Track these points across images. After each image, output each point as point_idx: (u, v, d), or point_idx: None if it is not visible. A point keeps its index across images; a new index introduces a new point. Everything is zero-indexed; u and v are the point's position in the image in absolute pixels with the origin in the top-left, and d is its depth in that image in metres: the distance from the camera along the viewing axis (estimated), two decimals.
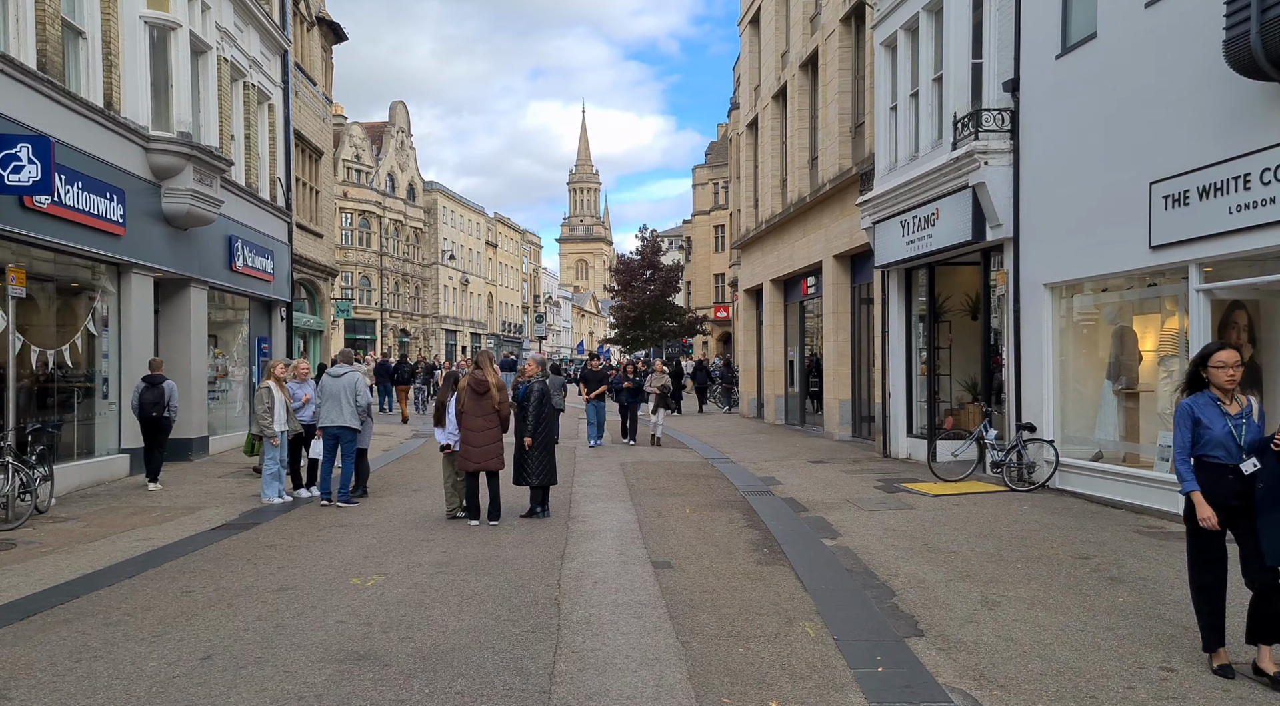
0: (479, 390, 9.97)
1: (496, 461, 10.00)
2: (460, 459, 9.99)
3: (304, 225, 22.09)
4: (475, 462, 9.89)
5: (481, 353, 10.59)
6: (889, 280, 16.09)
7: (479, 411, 9.95)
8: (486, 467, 9.95)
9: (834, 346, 19.60)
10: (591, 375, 18.95)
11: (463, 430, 9.97)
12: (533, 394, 10.35)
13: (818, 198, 19.71)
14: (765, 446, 18.49)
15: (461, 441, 9.98)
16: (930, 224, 13.79)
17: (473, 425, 9.91)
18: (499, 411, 10.01)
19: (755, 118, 25.89)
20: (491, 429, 9.99)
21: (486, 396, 9.98)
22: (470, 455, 9.88)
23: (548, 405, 10.41)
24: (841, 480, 13.32)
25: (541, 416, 10.27)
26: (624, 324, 46.88)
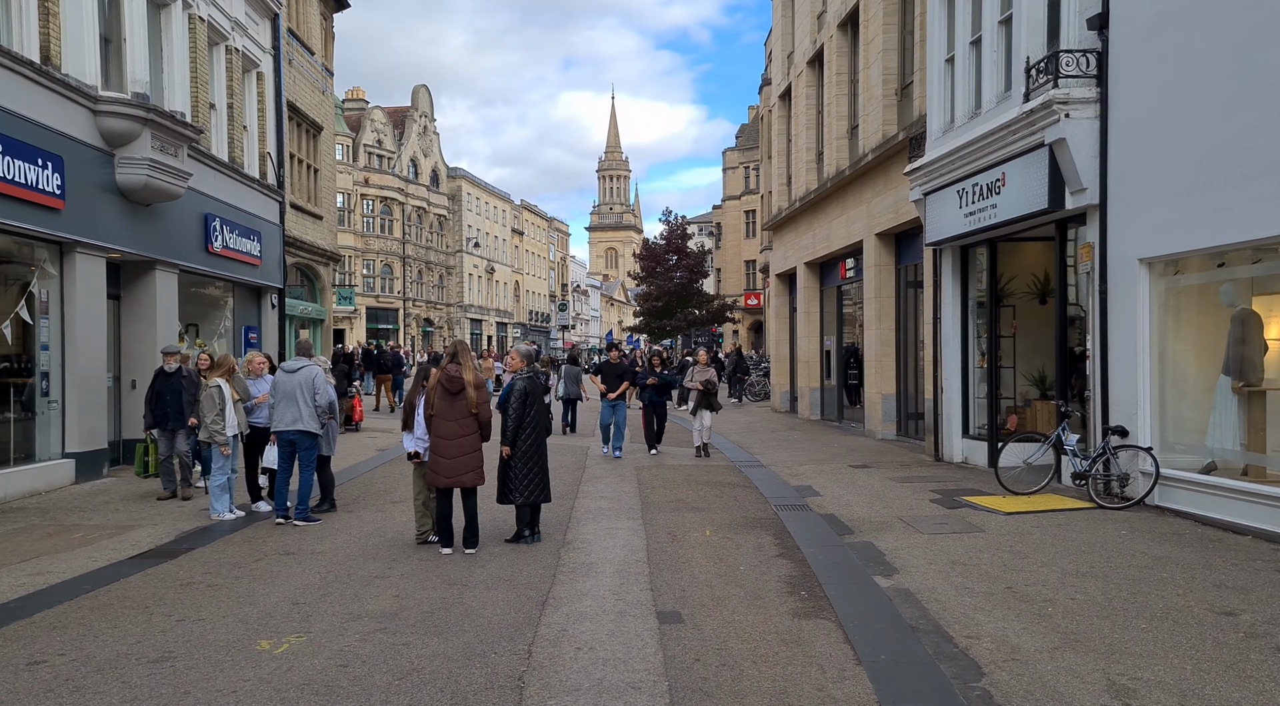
0: (452, 389, 8.15)
1: (473, 476, 8.19)
2: (429, 472, 8.21)
3: (300, 205, 20.50)
4: (447, 477, 8.10)
5: (456, 342, 8.74)
6: (942, 260, 14.12)
7: (452, 414, 8.14)
8: (461, 484, 8.14)
9: (876, 335, 17.66)
10: (610, 369, 15.63)
11: (433, 437, 8.17)
12: (513, 395, 8.55)
13: (858, 170, 17.74)
14: (800, 446, 16.61)
15: (431, 451, 8.19)
16: (994, 191, 11.82)
17: (445, 431, 8.11)
18: (477, 415, 8.21)
19: (788, 87, 23.89)
20: (468, 436, 8.16)
21: (462, 397, 8.16)
22: (441, 468, 8.09)
23: (534, 407, 8.58)
24: (890, 491, 11.44)
25: (524, 421, 8.46)
26: (649, 312, 44.91)
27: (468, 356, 8.44)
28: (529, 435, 8.51)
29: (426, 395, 8.32)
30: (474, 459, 8.21)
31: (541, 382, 9.20)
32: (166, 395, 10.66)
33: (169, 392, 10.67)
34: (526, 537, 8.55)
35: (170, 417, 10.66)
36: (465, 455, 8.13)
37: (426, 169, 63.68)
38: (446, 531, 8.23)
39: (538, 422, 8.62)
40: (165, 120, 12.52)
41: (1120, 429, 9.91)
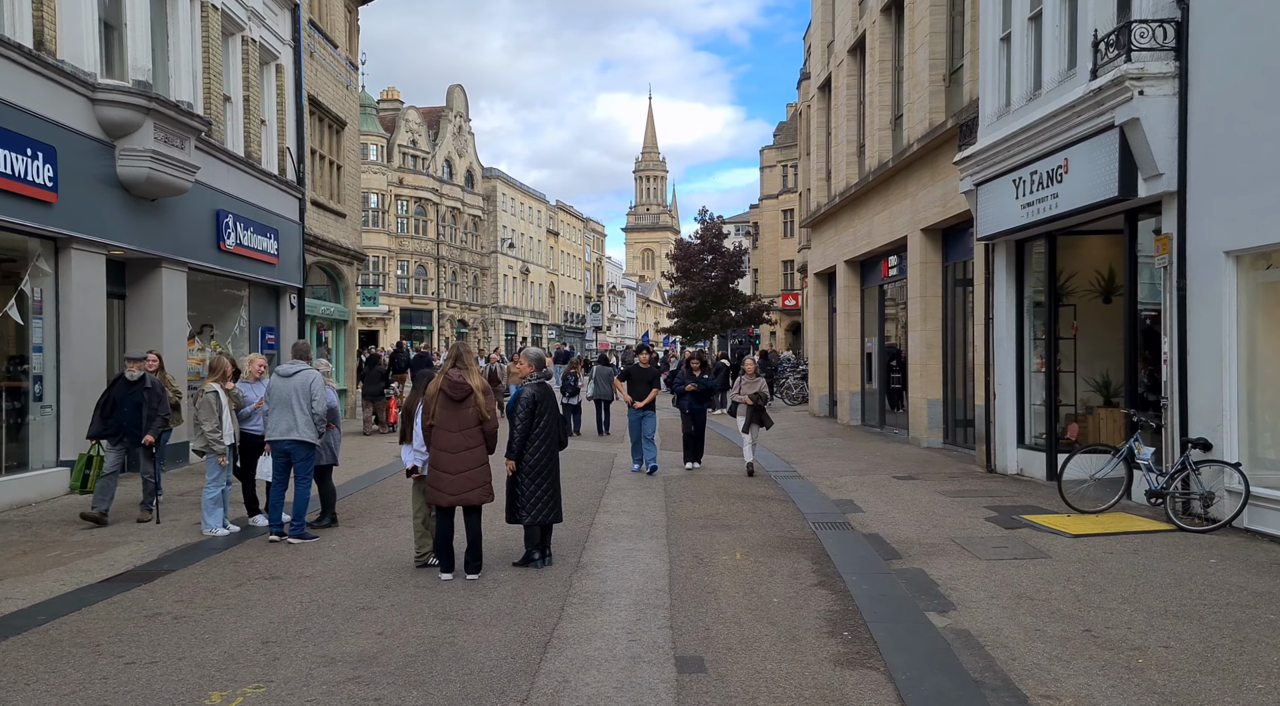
0: (456, 396, 7.29)
1: (481, 492, 7.32)
2: (430, 489, 7.31)
3: (321, 203, 19.93)
4: (451, 495, 7.20)
5: (458, 345, 7.77)
6: (994, 256, 13.09)
7: (456, 424, 7.27)
8: (466, 501, 7.27)
9: (921, 336, 16.63)
10: (639, 374, 13.80)
11: (433, 450, 7.29)
12: (520, 404, 7.71)
13: (902, 161, 16.72)
14: (839, 455, 15.64)
15: (431, 465, 7.31)
16: (1055, 180, 10.79)
17: (447, 443, 7.24)
18: (484, 426, 7.37)
19: (827, 78, 22.88)
20: (474, 448, 7.31)
21: (467, 404, 7.31)
22: (443, 484, 7.21)
23: (545, 417, 7.73)
24: (940, 506, 10.46)
25: (533, 432, 7.64)
26: (684, 313, 43.93)
27: (471, 360, 7.61)
28: (539, 447, 7.64)
29: (425, 403, 7.49)
30: (481, 473, 7.35)
31: (559, 388, 8.54)
32: (125, 406, 9.48)
33: (128, 404, 9.49)
34: (536, 561, 7.71)
35: (126, 431, 9.50)
36: (471, 469, 7.28)
37: (461, 169, 63.36)
38: (447, 555, 7.37)
39: (549, 434, 7.73)
40: (169, 110, 11.91)
41: (1202, 441, 8.86)
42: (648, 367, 14.04)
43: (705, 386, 14.00)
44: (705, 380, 14.08)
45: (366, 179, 53.60)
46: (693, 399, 13.73)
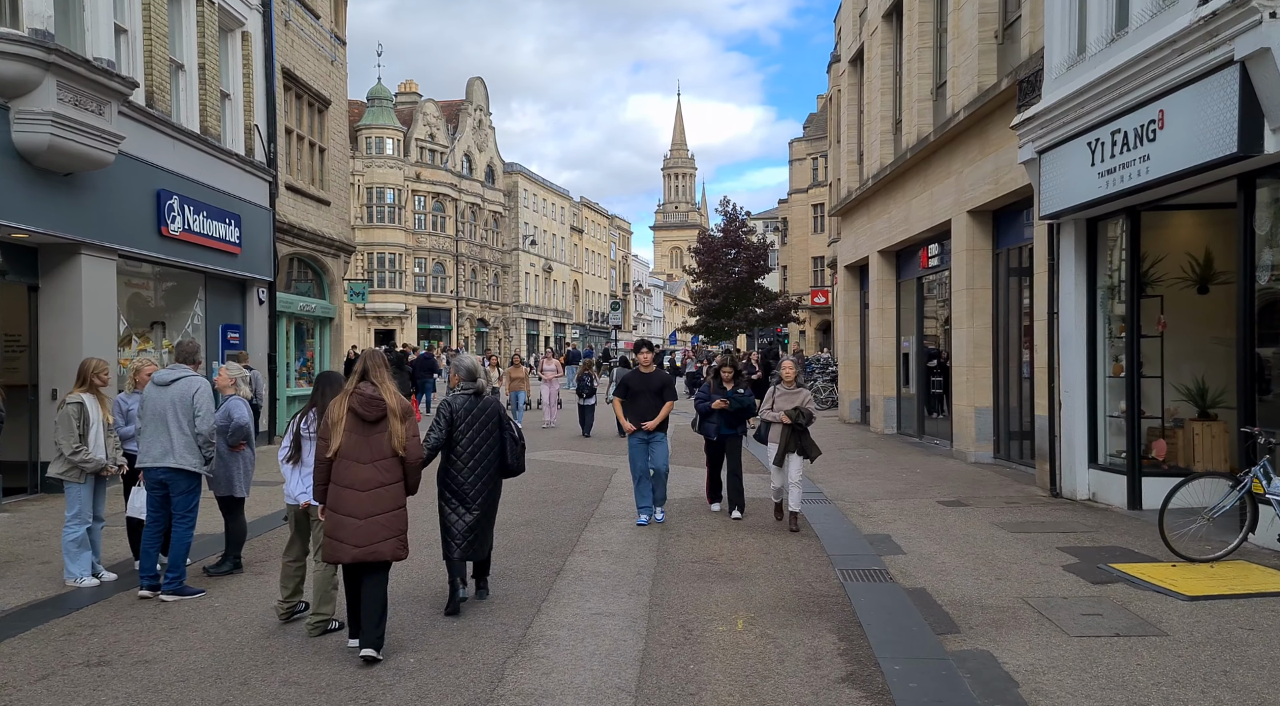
0: (368, 416, 5.51)
1: (393, 545, 5.50)
2: (328, 540, 5.46)
3: (300, 188, 18.13)
4: (354, 546, 5.39)
5: (367, 353, 5.86)
6: (1060, 238, 10.95)
7: (366, 454, 5.48)
8: (372, 555, 5.42)
9: (967, 335, 14.48)
10: (639, 382, 9.64)
11: (334, 488, 5.46)
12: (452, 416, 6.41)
13: (945, 134, 14.57)
14: (873, 471, 13.53)
15: (331, 508, 5.45)
16: (1145, 138, 8.65)
17: (354, 477, 5.44)
18: (404, 456, 5.58)
19: (859, 49, 20.73)
20: (388, 486, 5.52)
21: (380, 428, 5.52)
22: (346, 532, 5.38)
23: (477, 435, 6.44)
24: (1000, 545, 8.36)
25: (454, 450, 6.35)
26: (706, 310, 41.71)
27: (383, 372, 5.74)
28: (468, 468, 6.42)
29: (324, 421, 5.62)
30: (396, 519, 5.53)
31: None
32: None
33: None
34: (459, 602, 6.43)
35: None
36: (383, 513, 5.47)
37: (481, 164, 61.73)
38: (358, 619, 5.54)
39: (479, 455, 6.48)
40: (78, 67, 10.09)
41: None
42: (651, 372, 9.72)
43: (741, 404, 9.86)
44: (740, 395, 9.89)
45: (382, 173, 52.17)
46: (724, 421, 9.91)
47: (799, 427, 9.25)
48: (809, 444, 9.35)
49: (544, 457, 15.30)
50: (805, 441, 9.33)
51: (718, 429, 10.01)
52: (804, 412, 9.28)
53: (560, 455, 15.41)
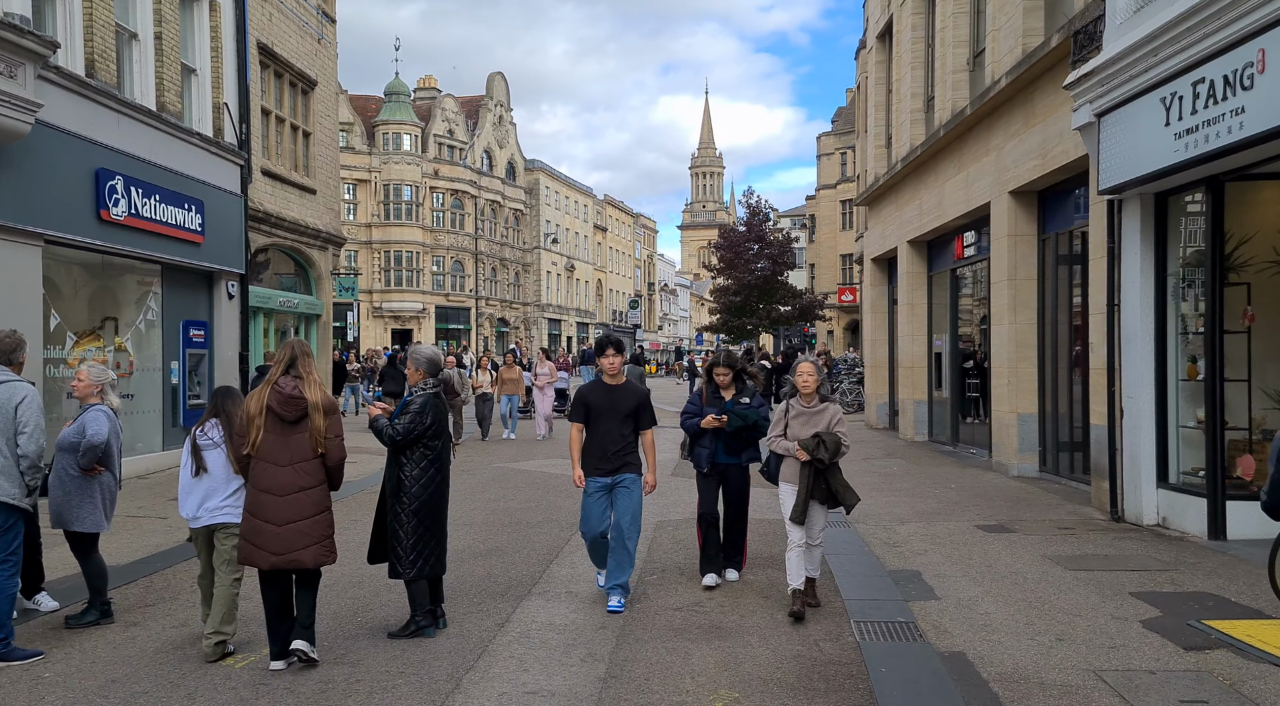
0: (289, 415, 5.16)
1: (316, 551, 5.17)
2: (244, 545, 5.15)
3: (279, 174, 16.83)
4: (274, 553, 5.09)
5: (293, 344, 5.33)
6: (1123, 216, 9.31)
7: (287, 455, 5.14)
8: (293, 563, 5.12)
9: (1009, 332, 12.83)
10: (601, 398, 6.47)
11: (252, 492, 5.17)
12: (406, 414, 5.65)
13: (984, 106, 12.93)
14: (901, 485, 11.93)
15: (248, 512, 5.15)
16: (1239, 86, 7.01)
17: (273, 481, 5.12)
18: (325, 457, 5.24)
19: (888, 22, 19.08)
20: (309, 490, 5.17)
21: (301, 428, 5.17)
22: (264, 538, 5.07)
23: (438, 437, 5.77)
24: (1058, 589, 6.76)
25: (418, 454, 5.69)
26: (726, 308, 39.96)
27: (309, 365, 5.34)
28: (429, 475, 5.73)
29: (241, 427, 5.25)
30: (319, 524, 5.19)
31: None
32: None
33: None
34: (426, 628, 5.71)
35: None
36: (305, 518, 5.13)
37: (502, 161, 60.54)
38: (278, 635, 5.19)
39: (441, 459, 5.84)
40: None
41: None
42: (620, 383, 6.49)
43: (746, 420, 6.82)
44: (744, 408, 6.87)
45: (399, 170, 51.10)
46: (721, 445, 6.93)
47: (819, 462, 6.14)
48: (840, 485, 6.26)
49: (533, 468, 13.85)
50: (835, 482, 6.24)
51: (711, 456, 6.92)
52: (829, 444, 6.10)
53: (552, 465, 13.93)
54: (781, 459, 6.46)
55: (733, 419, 6.82)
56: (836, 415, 6.39)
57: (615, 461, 6.31)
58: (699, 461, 7.01)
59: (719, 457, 6.98)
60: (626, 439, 6.40)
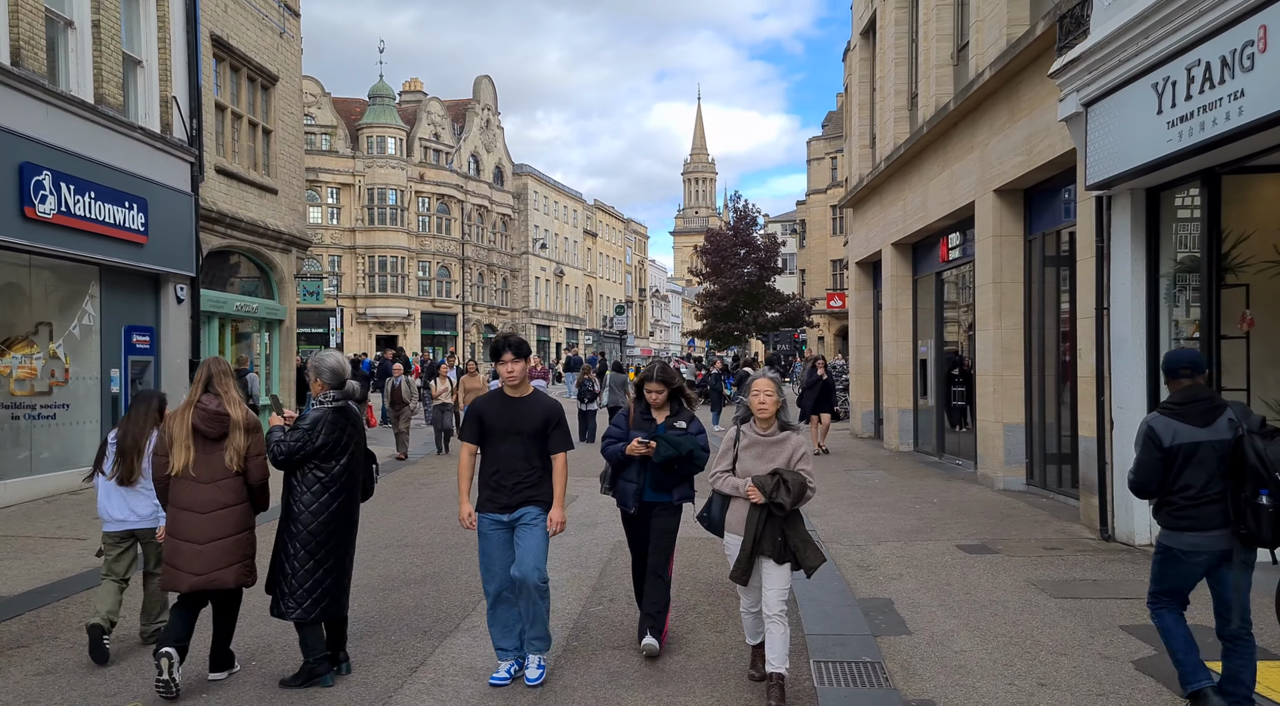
0: (211, 432, 5.03)
1: (239, 570, 5.04)
2: (166, 568, 5.00)
3: (236, 173, 16.13)
4: (193, 574, 4.92)
5: (210, 362, 5.29)
6: (1112, 214, 8.69)
7: (208, 473, 5.00)
8: (215, 584, 4.97)
9: (994, 337, 12.19)
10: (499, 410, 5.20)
11: (172, 511, 5.01)
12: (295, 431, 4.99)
13: (968, 100, 12.31)
14: (881, 500, 11.27)
15: (169, 532, 5.00)
16: (1238, 67, 6.39)
17: (193, 499, 4.96)
18: (247, 474, 5.11)
19: (872, 17, 18.48)
20: (232, 507, 5.04)
21: (223, 445, 5.04)
22: (183, 559, 4.92)
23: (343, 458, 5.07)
24: (1042, 620, 6.10)
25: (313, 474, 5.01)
26: (712, 314, 39.24)
27: (228, 384, 5.21)
28: (324, 500, 5.00)
29: (162, 436, 5.12)
30: (239, 544, 5.05)
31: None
32: None
33: None
34: (324, 677, 5.01)
35: None
36: (226, 536, 4.99)
37: (489, 165, 59.88)
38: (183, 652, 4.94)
39: (345, 483, 5.09)
40: None
41: None
42: (526, 396, 5.23)
43: (679, 450, 5.41)
44: (677, 435, 5.51)
45: (384, 174, 50.38)
46: (651, 477, 5.53)
47: (779, 508, 4.77)
48: (800, 539, 4.87)
49: None
50: (794, 534, 4.86)
51: (639, 493, 5.55)
52: (791, 485, 4.76)
53: None
54: (727, 501, 5.06)
55: (662, 446, 5.41)
56: (800, 448, 4.99)
57: (516, 494, 5.06)
58: (624, 499, 5.62)
59: (646, 495, 5.57)
60: (532, 465, 5.11)
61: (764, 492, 4.76)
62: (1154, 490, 4.58)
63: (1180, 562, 4.51)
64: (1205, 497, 4.40)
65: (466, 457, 5.26)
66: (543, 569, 5.05)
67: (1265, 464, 4.24)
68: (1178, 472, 4.45)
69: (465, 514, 5.18)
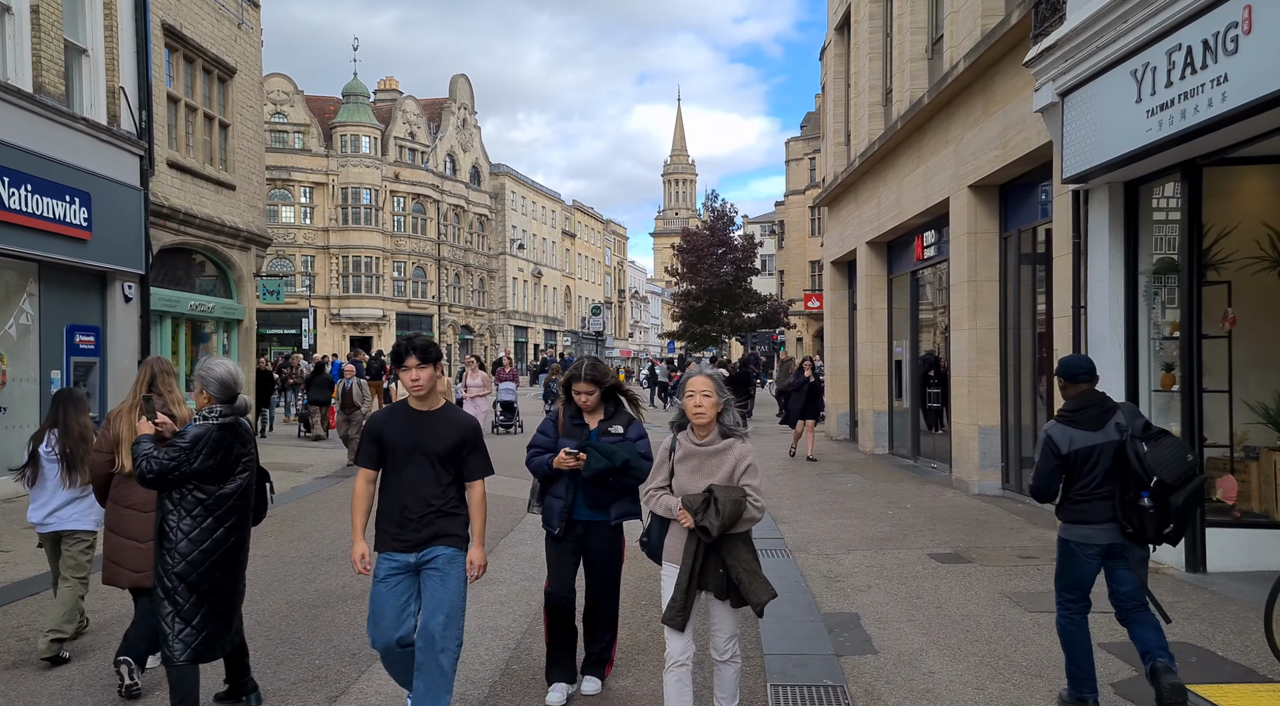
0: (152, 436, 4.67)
1: None
2: (107, 563, 5.03)
3: (190, 167, 15.57)
4: (133, 571, 4.95)
5: (153, 361, 5.30)
6: (1089, 208, 8.36)
7: None
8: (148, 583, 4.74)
9: (969, 337, 11.86)
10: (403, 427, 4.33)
11: (113, 509, 5.04)
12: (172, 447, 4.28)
13: (943, 93, 11.98)
14: (853, 505, 10.90)
15: (110, 529, 5.02)
16: (1220, 51, 6.05)
17: (135, 498, 4.92)
18: None
19: (847, 12, 18.15)
20: None
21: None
22: (125, 555, 4.94)
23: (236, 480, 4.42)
24: (1017, 637, 5.74)
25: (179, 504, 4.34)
26: (688, 314, 38.82)
27: (171, 383, 5.16)
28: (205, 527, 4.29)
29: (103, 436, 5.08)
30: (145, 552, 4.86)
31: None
32: None
33: None
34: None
35: None
36: None
37: (466, 165, 59.30)
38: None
39: (234, 505, 4.39)
40: None
41: None
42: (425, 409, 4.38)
43: (613, 461, 4.70)
44: (611, 443, 4.81)
45: (358, 173, 49.67)
46: (584, 493, 4.85)
47: (705, 537, 3.97)
48: (746, 571, 4.04)
49: None
50: (738, 565, 4.04)
51: (566, 510, 4.83)
52: (722, 504, 3.93)
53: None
54: (666, 524, 4.23)
55: (593, 457, 4.67)
56: (744, 459, 4.12)
57: (422, 529, 4.17)
58: (549, 518, 4.88)
59: (578, 513, 4.82)
60: (444, 493, 4.24)
61: (690, 514, 3.97)
62: (1051, 495, 4.76)
63: (1075, 555, 4.68)
64: (1098, 495, 4.59)
65: (362, 486, 4.31)
66: (456, 630, 4.15)
67: (1145, 467, 4.43)
68: (1075, 475, 4.64)
69: (358, 555, 4.22)
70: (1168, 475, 4.38)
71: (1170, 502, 4.40)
